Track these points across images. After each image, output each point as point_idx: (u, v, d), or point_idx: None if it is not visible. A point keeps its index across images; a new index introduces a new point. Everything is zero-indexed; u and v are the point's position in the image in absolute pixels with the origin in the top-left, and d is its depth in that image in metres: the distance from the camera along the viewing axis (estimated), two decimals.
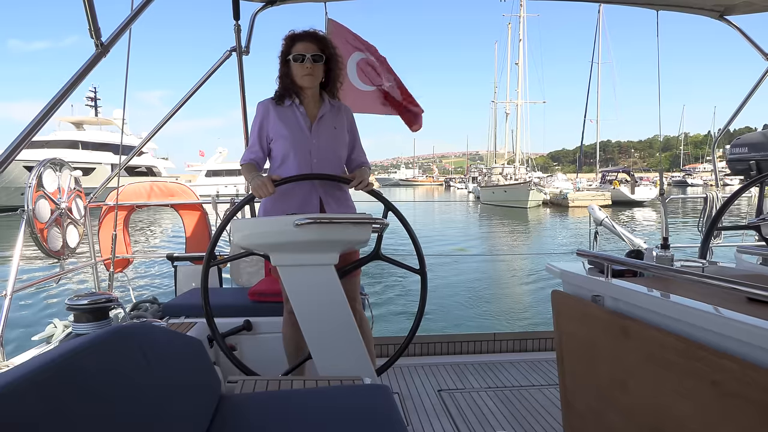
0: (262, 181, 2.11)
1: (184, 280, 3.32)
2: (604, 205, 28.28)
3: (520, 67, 42.46)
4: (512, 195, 31.56)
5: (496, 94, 51.59)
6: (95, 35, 1.99)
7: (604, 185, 36.09)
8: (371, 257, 2.28)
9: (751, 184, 2.64)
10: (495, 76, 51.78)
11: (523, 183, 32.88)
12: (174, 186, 3.82)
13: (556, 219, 24.33)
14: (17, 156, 1.78)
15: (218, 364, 2.40)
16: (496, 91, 52.61)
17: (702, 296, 1.33)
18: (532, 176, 37.58)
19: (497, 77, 53.18)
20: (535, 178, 36.42)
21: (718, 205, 3.98)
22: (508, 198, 31.65)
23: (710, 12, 3.43)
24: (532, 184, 31.81)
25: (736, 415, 1.09)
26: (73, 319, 1.96)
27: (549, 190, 34.16)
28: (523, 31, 41.56)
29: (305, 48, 2.19)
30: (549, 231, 19.87)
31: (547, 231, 19.92)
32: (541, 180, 40.17)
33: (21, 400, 0.82)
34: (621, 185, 33.39)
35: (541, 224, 22.23)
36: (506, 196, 32.00)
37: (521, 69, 42.57)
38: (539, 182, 35.74)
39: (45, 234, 2.74)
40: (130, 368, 1.15)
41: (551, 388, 2.71)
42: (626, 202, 30.85)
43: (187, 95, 3.27)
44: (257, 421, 1.47)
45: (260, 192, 2.10)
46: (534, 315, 7.41)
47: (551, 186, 37.11)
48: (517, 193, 31.36)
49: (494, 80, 51.75)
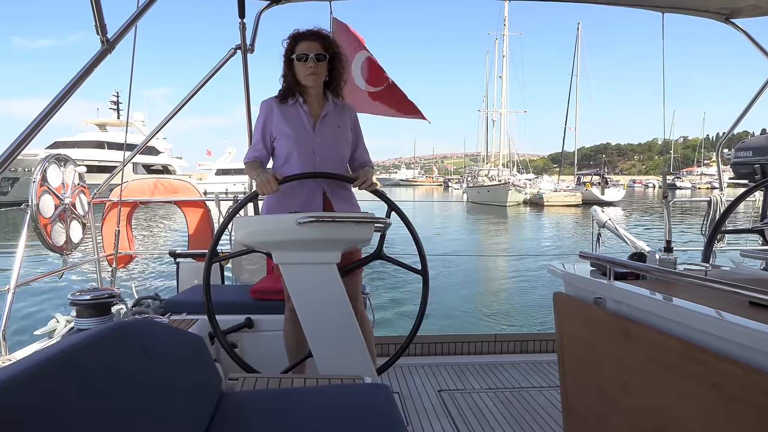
0: (266, 177, 2.10)
1: (186, 277, 3.33)
2: (574, 204, 34.11)
3: (504, 80, 47.93)
4: (493, 195, 35.00)
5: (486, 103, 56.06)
6: (101, 32, 2.00)
7: (579, 187, 39.18)
8: (373, 257, 2.28)
9: (755, 188, 2.62)
10: (485, 85, 55.86)
11: (502, 184, 36.30)
12: (177, 183, 3.83)
13: (529, 216, 27.62)
14: (23, 151, 1.79)
15: (219, 361, 2.40)
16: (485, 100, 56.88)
17: (705, 300, 1.32)
18: (511, 178, 40.74)
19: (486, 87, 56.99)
20: (514, 180, 39.75)
21: (722, 208, 3.97)
22: (489, 197, 35.04)
23: (716, 15, 3.42)
24: (511, 185, 35.09)
25: (737, 419, 1.09)
26: (76, 314, 1.97)
27: (528, 191, 37.83)
28: (506, 47, 47.27)
29: (308, 47, 2.18)
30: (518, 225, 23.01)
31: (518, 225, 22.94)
32: (530, 181, 44.35)
33: (22, 394, 0.83)
34: (593, 187, 37.04)
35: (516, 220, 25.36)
36: (488, 196, 35.42)
37: (504, 82, 48.02)
38: (519, 183, 38.77)
39: (49, 229, 2.75)
40: (131, 364, 1.16)
41: (552, 390, 2.71)
42: (596, 202, 31.69)
43: (191, 93, 3.27)
44: (257, 418, 1.48)
45: (264, 189, 2.09)
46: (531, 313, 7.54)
47: (536, 187, 41.24)
48: (498, 193, 34.77)
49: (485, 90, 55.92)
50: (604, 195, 35.68)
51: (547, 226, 22.43)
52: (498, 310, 7.76)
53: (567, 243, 16.35)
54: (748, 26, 3.52)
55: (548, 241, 17.05)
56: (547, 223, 23.67)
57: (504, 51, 47.33)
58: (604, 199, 34.49)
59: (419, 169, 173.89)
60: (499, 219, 24.46)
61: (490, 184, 39.27)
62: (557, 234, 19.30)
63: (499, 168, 46.97)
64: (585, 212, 27.37)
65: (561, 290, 1.91)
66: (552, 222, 23.66)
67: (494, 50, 49.21)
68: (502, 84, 48.34)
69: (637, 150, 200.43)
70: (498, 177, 42.56)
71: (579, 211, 29.38)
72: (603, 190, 36.36)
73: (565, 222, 23.54)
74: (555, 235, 19.07)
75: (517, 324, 6.97)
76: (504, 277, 10.27)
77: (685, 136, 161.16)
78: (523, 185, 39.35)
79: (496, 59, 48.69)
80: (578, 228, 20.83)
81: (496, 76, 49.15)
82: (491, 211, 28.41)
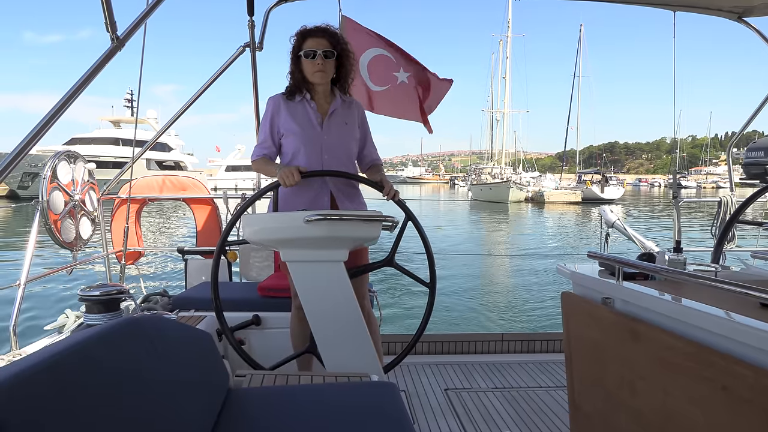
0: (289, 169, 2.08)
1: (194, 274, 3.35)
2: (574, 202, 35.42)
3: (507, 80, 50.04)
4: (496, 192, 36.08)
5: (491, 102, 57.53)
6: (111, 29, 2.01)
7: (579, 185, 40.15)
8: (384, 263, 2.28)
9: (767, 189, 2.59)
10: (491, 86, 57.00)
11: (504, 182, 37.40)
12: (186, 180, 3.84)
13: (530, 212, 28.28)
14: (45, 147, 1.80)
15: (227, 358, 2.42)
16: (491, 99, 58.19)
17: (714, 301, 1.31)
18: (513, 176, 41.90)
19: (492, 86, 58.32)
20: (515, 178, 40.94)
21: (732, 209, 3.93)
22: (492, 195, 36.06)
23: (728, 13, 3.38)
24: (512, 183, 36.15)
25: (747, 422, 1.08)
26: (85, 310, 1.99)
27: (531, 188, 39.24)
28: (509, 49, 48.93)
29: (316, 44, 2.18)
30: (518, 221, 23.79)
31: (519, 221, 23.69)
32: (534, 179, 46.00)
33: (32, 389, 0.83)
34: (593, 185, 38.00)
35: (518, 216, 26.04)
36: (491, 194, 36.48)
37: (508, 82, 50.22)
38: (520, 181, 39.92)
39: (58, 225, 2.77)
40: (139, 360, 1.16)
41: (559, 390, 2.69)
42: (596, 200, 34.73)
43: (200, 90, 3.29)
44: (264, 415, 1.48)
45: (287, 180, 2.07)
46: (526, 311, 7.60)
47: (539, 185, 42.47)
48: (499, 190, 35.87)
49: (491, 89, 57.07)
50: (604, 193, 36.90)
51: (547, 221, 23.45)
52: (503, 307, 7.80)
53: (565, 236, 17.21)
54: (761, 25, 3.48)
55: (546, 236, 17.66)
56: (547, 218, 24.64)
57: (507, 52, 48.92)
58: (604, 197, 35.55)
59: (426, 167, 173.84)
60: (500, 216, 25.29)
61: (492, 182, 40.37)
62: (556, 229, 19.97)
63: (502, 166, 48.23)
64: (584, 209, 28.98)
65: (568, 289, 1.90)
66: (551, 218, 24.72)
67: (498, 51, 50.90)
68: (505, 84, 50.19)
69: (645, 149, 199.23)
70: (501, 175, 43.61)
71: (578, 209, 30.19)
72: (603, 188, 37.56)
73: (565, 218, 24.47)
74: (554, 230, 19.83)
75: (525, 322, 6.97)
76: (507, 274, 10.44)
77: (693, 135, 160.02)
78: (525, 183, 40.77)
79: (501, 60, 50.40)
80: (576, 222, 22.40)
81: (499, 77, 51.06)
82: (493, 208, 29.28)
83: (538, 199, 36.00)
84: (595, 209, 28.16)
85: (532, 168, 63.31)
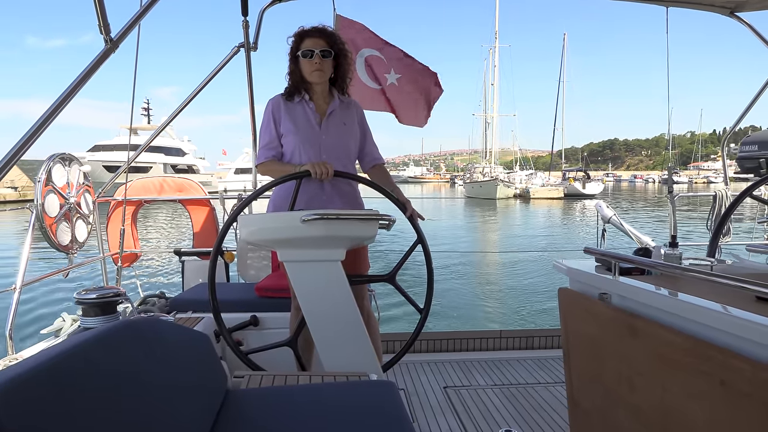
0: (324, 162, 2.11)
1: (191, 275, 3.34)
2: (556, 197, 38.49)
3: (495, 87, 55.63)
4: (485, 189, 38.93)
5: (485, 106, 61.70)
6: (104, 31, 2.00)
7: (564, 182, 43.88)
8: (385, 278, 2.29)
9: (761, 182, 2.60)
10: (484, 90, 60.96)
11: (492, 180, 40.46)
12: (182, 181, 3.83)
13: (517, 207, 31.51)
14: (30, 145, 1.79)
15: (225, 359, 2.41)
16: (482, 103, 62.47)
17: (711, 295, 1.32)
18: (500, 175, 45.50)
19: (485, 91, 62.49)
20: (501, 176, 44.48)
21: (727, 203, 3.94)
22: (482, 192, 38.82)
23: (721, 9, 3.39)
24: (499, 181, 39.39)
25: (746, 415, 1.08)
26: (82, 313, 1.98)
27: (518, 186, 42.74)
28: (497, 59, 54.42)
29: (314, 44, 2.19)
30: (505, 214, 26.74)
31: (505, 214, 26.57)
32: (527, 177, 49.40)
33: (30, 392, 0.83)
34: (575, 182, 42.08)
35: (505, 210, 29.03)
36: (481, 191, 39.35)
37: (496, 89, 55.84)
38: (506, 179, 43.27)
39: (54, 228, 2.76)
40: (137, 362, 1.16)
41: (558, 386, 2.70)
42: (578, 195, 39.40)
43: (195, 91, 3.27)
44: (263, 416, 1.48)
45: (320, 170, 2.08)
46: None
47: (530, 182, 45.77)
48: (488, 188, 38.86)
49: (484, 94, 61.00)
50: (585, 189, 40.79)
51: (532, 214, 26.75)
52: (495, 303, 7.89)
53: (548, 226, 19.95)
54: (753, 20, 3.49)
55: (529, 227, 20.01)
56: (532, 212, 27.87)
57: (495, 62, 54.42)
58: (585, 193, 40.01)
59: (428, 166, 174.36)
60: (489, 210, 28.09)
61: (482, 180, 43.13)
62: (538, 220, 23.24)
63: (491, 165, 52.24)
64: (566, 204, 32.74)
65: (565, 285, 1.91)
66: (536, 212, 27.96)
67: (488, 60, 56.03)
68: (494, 91, 55.79)
69: (645, 145, 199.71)
70: (490, 174, 46.72)
71: (560, 203, 33.51)
72: (584, 185, 41.48)
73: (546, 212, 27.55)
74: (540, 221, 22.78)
75: (521, 319, 7.00)
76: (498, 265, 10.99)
77: (692, 131, 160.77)
78: (513, 181, 44.30)
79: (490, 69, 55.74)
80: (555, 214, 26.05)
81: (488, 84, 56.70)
82: (483, 204, 32.05)
83: (525, 195, 39.25)
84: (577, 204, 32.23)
85: (529, 166, 66.82)
